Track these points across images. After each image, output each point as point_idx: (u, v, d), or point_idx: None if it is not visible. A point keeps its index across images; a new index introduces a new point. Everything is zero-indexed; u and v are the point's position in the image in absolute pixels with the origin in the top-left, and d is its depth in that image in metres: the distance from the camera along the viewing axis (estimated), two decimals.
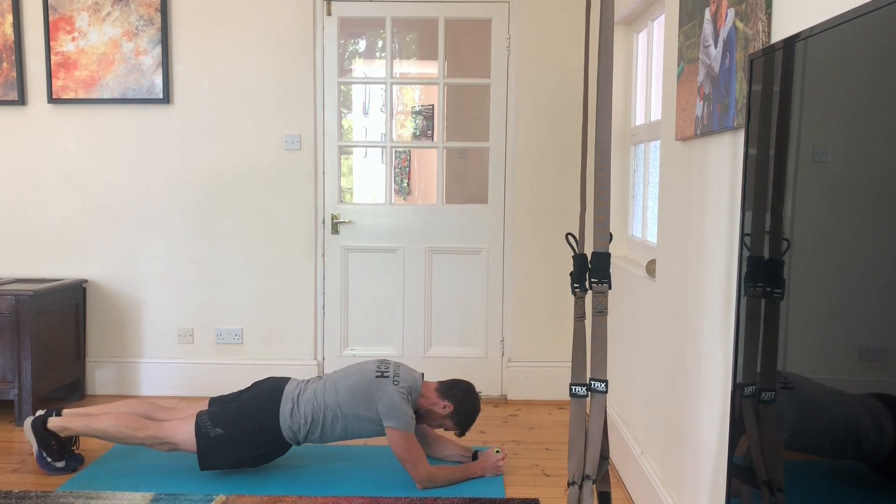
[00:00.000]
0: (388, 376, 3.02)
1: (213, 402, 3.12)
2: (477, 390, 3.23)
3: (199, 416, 3.00)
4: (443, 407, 3.09)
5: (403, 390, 2.99)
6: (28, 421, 3.09)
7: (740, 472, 1.62)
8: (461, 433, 3.18)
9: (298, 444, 3.05)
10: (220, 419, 2.99)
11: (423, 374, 3.18)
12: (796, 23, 1.60)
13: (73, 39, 4.06)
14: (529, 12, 4.06)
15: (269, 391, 3.07)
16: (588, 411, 2.00)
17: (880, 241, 1.09)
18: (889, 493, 1.07)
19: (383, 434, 2.99)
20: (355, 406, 2.98)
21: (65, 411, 3.14)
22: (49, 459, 3.07)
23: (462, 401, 3.11)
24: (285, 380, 3.14)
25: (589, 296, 2.07)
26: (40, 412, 3.12)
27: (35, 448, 3.07)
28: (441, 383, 3.16)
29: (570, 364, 2.18)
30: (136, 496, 2.87)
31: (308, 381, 3.13)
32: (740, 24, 1.87)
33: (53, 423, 3.05)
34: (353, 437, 3.06)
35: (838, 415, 1.22)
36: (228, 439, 2.96)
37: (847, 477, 1.20)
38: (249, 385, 3.20)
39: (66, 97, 4.09)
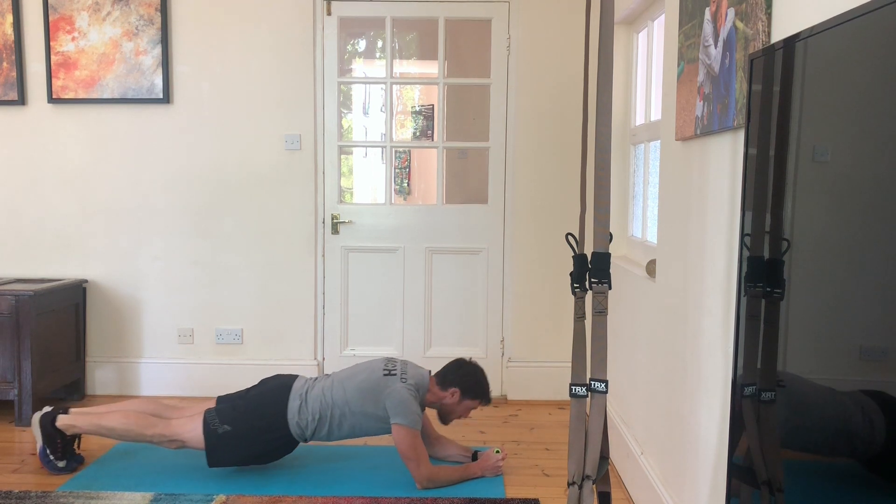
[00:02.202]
0: (395, 374, 3.03)
1: (221, 399, 3.12)
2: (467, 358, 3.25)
3: (207, 413, 3.01)
4: (451, 395, 3.11)
5: (412, 388, 3.00)
6: (37, 416, 3.09)
7: (740, 472, 1.62)
8: (485, 402, 3.17)
9: (306, 441, 3.06)
10: (228, 416, 2.99)
11: (430, 371, 3.19)
12: (796, 23, 1.60)
13: (73, 39, 4.06)
14: (529, 12, 4.06)
15: (278, 388, 3.07)
16: (588, 411, 1.99)
17: (880, 241, 1.09)
18: (889, 493, 1.07)
19: (390, 432, 2.99)
20: (363, 404, 2.98)
21: (72, 410, 3.14)
22: (52, 457, 3.07)
23: (462, 378, 3.12)
24: (293, 377, 3.15)
25: (589, 296, 2.07)
26: (48, 408, 3.11)
27: (39, 444, 3.07)
28: (436, 376, 3.17)
29: (570, 364, 2.18)
30: (136, 496, 2.87)
31: (316, 378, 3.14)
32: (740, 24, 1.87)
33: (61, 420, 3.06)
34: (361, 436, 3.07)
35: (838, 413, 1.22)
36: (236, 436, 2.97)
37: (847, 477, 1.19)
38: (257, 383, 3.21)
39: (66, 97, 4.09)
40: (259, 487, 2.98)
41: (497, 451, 3.17)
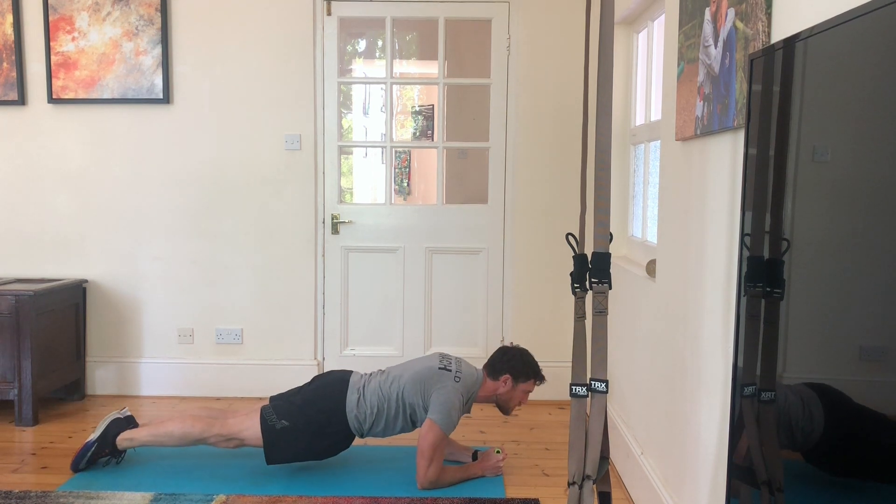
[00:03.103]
0: (451, 370, 3.05)
1: (275, 398, 3.13)
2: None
3: (264, 409, 3.02)
4: (504, 383, 3.11)
5: (462, 391, 3.01)
6: (112, 418, 3.11)
7: (740, 472, 1.62)
8: (539, 380, 3.17)
9: (363, 436, 3.06)
10: (285, 412, 3.00)
11: (483, 370, 3.19)
12: (796, 23, 1.60)
13: (73, 39, 4.06)
14: (529, 12, 4.06)
15: (335, 382, 3.09)
16: (588, 411, 2.00)
17: (880, 241, 1.09)
18: (889, 492, 1.07)
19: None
20: (414, 394, 3.00)
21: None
22: (90, 454, 3.06)
23: (510, 363, 3.12)
24: (349, 372, 3.16)
25: (589, 296, 2.07)
26: (124, 414, 3.13)
27: (93, 437, 3.08)
28: (485, 368, 3.17)
29: (570, 364, 2.18)
30: (136, 496, 2.87)
31: (371, 374, 3.15)
32: (740, 24, 1.87)
33: (124, 435, 3.07)
34: (412, 429, 3.08)
35: (838, 412, 1.22)
36: (295, 430, 2.97)
37: (847, 476, 1.20)
38: (310, 380, 3.21)
39: (66, 97, 4.09)
40: (259, 487, 2.98)
41: (497, 452, 3.17)
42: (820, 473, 1.28)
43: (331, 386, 3.08)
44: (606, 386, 1.97)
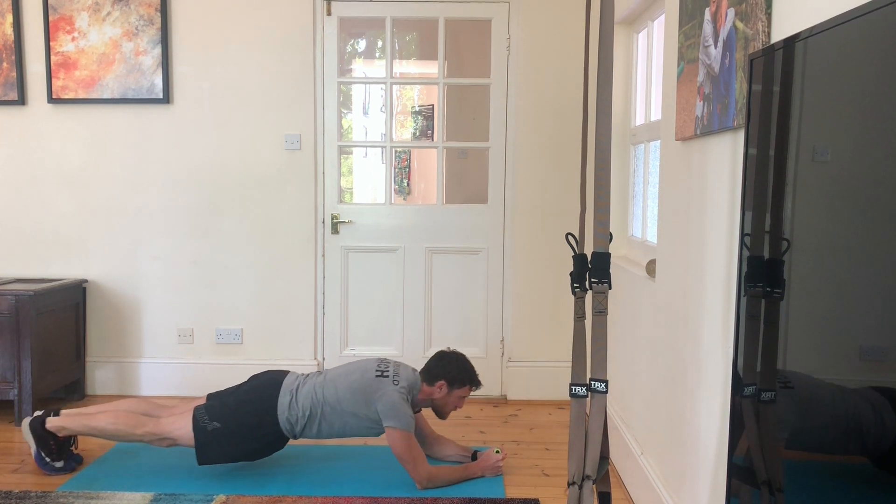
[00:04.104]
0: (388, 376, 3.03)
1: (211, 396, 3.12)
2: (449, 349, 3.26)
3: (197, 410, 3.01)
4: (439, 388, 3.10)
5: (403, 390, 3.00)
6: (26, 421, 3.10)
7: (740, 472, 1.62)
8: (475, 386, 3.16)
9: (295, 437, 3.05)
10: (217, 413, 2.99)
11: (419, 374, 3.17)
12: (796, 23, 1.60)
13: (73, 39, 4.06)
14: (529, 12, 4.06)
15: (268, 384, 3.07)
16: (588, 411, 1.99)
17: (880, 241, 1.09)
18: (889, 492, 1.07)
19: (380, 433, 3.00)
20: (354, 404, 2.98)
21: (63, 412, 3.14)
22: (48, 459, 3.07)
23: (445, 369, 3.11)
24: (284, 373, 3.15)
25: (589, 296, 2.07)
26: (38, 413, 3.12)
27: (33, 448, 3.07)
28: (421, 373, 3.16)
29: (570, 364, 2.18)
30: (136, 496, 2.87)
31: (307, 375, 3.14)
32: (740, 24, 1.87)
33: (51, 423, 3.05)
34: (350, 435, 3.07)
35: (839, 412, 1.22)
36: (226, 432, 2.97)
37: (847, 476, 1.19)
38: (247, 379, 3.20)
39: (66, 97, 4.09)
40: (259, 487, 2.98)
41: (497, 452, 3.17)
42: (820, 473, 1.28)
43: (264, 388, 3.06)
44: (606, 386, 1.97)
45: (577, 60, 4.06)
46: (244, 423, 2.98)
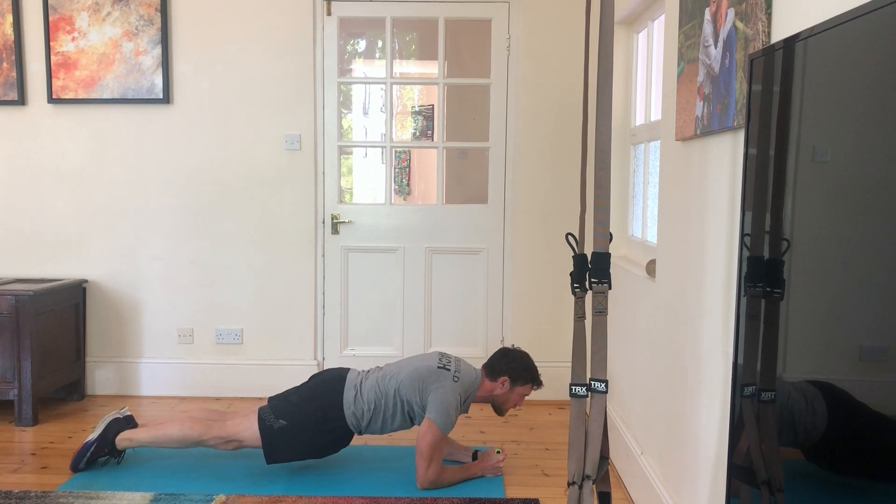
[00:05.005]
0: (449, 369, 3.04)
1: (272, 398, 3.13)
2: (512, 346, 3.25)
3: (261, 410, 3.03)
4: (501, 385, 3.10)
5: (460, 391, 3.01)
6: (111, 418, 3.11)
7: (740, 472, 1.62)
8: (537, 385, 3.15)
9: (360, 433, 3.06)
10: (282, 411, 3.00)
11: (481, 370, 3.18)
12: (796, 23, 1.60)
13: (73, 39, 4.06)
14: (529, 12, 4.06)
15: (332, 380, 3.09)
16: (588, 411, 2.00)
17: (880, 241, 1.09)
18: (889, 492, 1.07)
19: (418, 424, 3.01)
20: (412, 391, 2.99)
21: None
22: (89, 454, 3.07)
23: (509, 366, 3.11)
24: (346, 370, 3.16)
25: (589, 296, 2.07)
26: (124, 414, 3.14)
27: (92, 437, 3.08)
28: (484, 368, 3.16)
29: (570, 364, 2.18)
30: (136, 496, 2.87)
31: (369, 371, 3.15)
32: (740, 24, 1.87)
33: (123, 435, 3.08)
34: (410, 426, 3.08)
35: (839, 412, 1.22)
36: (293, 429, 2.97)
37: (847, 476, 1.19)
38: (307, 379, 3.21)
39: (66, 97, 4.09)
40: (259, 487, 2.98)
41: (497, 452, 3.17)
42: (820, 472, 1.28)
43: (328, 383, 3.07)
44: (606, 386, 1.97)
45: (577, 60, 4.06)
46: (310, 417, 2.99)
